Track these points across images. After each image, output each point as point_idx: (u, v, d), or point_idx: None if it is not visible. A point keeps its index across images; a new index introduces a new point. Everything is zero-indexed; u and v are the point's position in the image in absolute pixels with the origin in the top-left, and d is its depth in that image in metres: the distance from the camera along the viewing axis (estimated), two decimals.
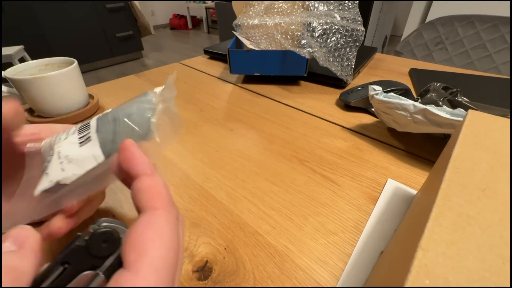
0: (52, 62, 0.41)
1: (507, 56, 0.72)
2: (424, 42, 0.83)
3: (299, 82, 0.54)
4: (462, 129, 0.17)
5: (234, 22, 0.50)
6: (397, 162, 0.31)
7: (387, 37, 2.31)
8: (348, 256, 0.21)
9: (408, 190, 0.27)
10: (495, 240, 0.10)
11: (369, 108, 0.42)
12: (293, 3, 0.48)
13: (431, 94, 0.36)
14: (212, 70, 0.62)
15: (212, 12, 3.97)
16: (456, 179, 0.13)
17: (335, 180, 0.29)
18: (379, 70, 0.59)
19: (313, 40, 0.44)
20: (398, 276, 0.10)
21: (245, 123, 0.40)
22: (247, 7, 0.50)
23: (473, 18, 0.75)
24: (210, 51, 0.69)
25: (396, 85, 0.42)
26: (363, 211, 0.25)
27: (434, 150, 0.33)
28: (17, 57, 1.76)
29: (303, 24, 0.45)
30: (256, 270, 0.21)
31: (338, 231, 0.23)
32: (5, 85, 0.42)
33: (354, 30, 0.45)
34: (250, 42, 0.49)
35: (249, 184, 0.29)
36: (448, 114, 0.26)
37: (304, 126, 0.39)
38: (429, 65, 0.61)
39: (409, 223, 0.17)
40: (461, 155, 0.15)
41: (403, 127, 0.32)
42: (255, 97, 0.48)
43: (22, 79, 0.35)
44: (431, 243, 0.10)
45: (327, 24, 0.44)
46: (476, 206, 0.12)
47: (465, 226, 0.11)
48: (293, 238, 0.23)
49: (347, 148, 0.34)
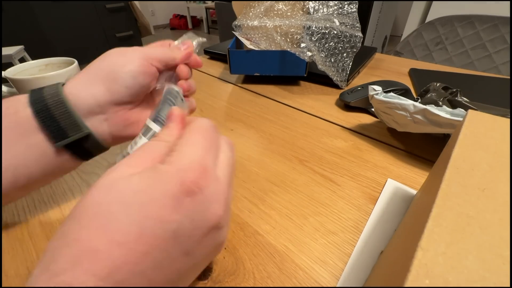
0: (52, 62, 0.41)
1: (507, 56, 0.72)
2: (424, 42, 0.83)
3: (299, 82, 0.54)
4: (462, 129, 0.17)
5: (234, 23, 0.50)
6: (397, 162, 0.31)
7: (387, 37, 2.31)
8: (348, 256, 0.21)
9: (408, 190, 0.27)
10: (495, 240, 0.10)
11: (369, 108, 0.42)
12: (293, 5, 0.48)
13: (431, 94, 0.36)
14: (212, 70, 0.62)
15: (212, 12, 3.97)
16: (456, 179, 0.13)
17: (335, 180, 0.29)
18: (379, 70, 0.59)
19: (312, 43, 0.44)
20: (398, 276, 0.10)
21: (245, 123, 0.40)
22: (247, 8, 0.50)
23: (473, 18, 0.75)
24: (210, 51, 0.69)
25: (396, 85, 0.42)
26: (363, 211, 0.25)
27: (434, 150, 0.33)
28: (17, 57, 1.76)
29: (302, 27, 0.45)
30: (256, 270, 0.21)
31: (338, 231, 0.23)
32: (5, 85, 0.42)
33: (352, 36, 0.45)
34: (250, 43, 0.49)
35: (249, 184, 0.29)
36: (448, 114, 0.26)
37: (304, 126, 0.39)
38: (429, 65, 0.61)
39: (409, 223, 0.17)
40: (461, 155, 0.15)
41: (403, 127, 0.32)
42: (255, 97, 0.48)
43: (22, 79, 0.35)
44: (431, 243, 0.10)
45: (325, 29, 0.44)
46: (476, 206, 0.12)
47: (465, 226, 0.11)
48: (293, 238, 0.23)
49: (347, 148, 0.34)
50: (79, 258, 0.11)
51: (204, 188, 0.13)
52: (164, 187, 0.13)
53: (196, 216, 0.13)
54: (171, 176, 0.13)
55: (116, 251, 0.11)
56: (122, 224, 0.12)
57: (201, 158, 0.14)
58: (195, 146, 0.15)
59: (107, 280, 0.11)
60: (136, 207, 0.12)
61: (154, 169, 0.13)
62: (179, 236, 0.13)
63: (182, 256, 0.13)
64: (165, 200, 0.12)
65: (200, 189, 0.13)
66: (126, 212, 0.12)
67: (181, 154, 0.14)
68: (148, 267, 0.12)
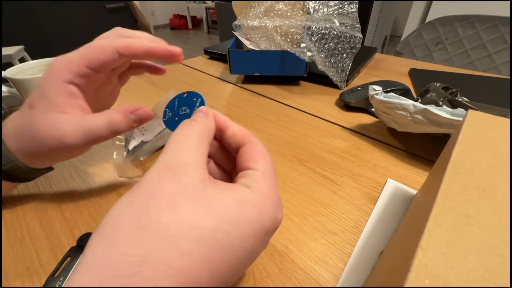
0: None
1: (507, 56, 0.72)
2: (424, 42, 0.83)
3: (299, 82, 0.54)
4: (462, 129, 0.17)
5: (234, 23, 0.50)
6: (397, 162, 0.31)
7: (387, 37, 2.31)
8: (348, 256, 0.21)
9: (408, 190, 0.27)
10: (495, 240, 0.10)
11: (369, 108, 0.42)
12: (293, 5, 0.48)
13: (431, 94, 0.36)
14: (212, 70, 0.62)
15: (212, 12, 3.97)
16: (456, 179, 0.13)
17: (335, 180, 0.29)
18: (379, 70, 0.59)
19: (312, 43, 0.44)
20: (398, 276, 0.10)
21: (245, 123, 0.40)
22: (247, 8, 0.50)
23: (473, 18, 0.75)
24: (210, 51, 0.69)
25: (396, 85, 0.42)
26: (363, 211, 0.25)
27: (434, 150, 0.33)
28: (17, 57, 1.76)
29: (302, 27, 0.45)
30: (256, 270, 0.21)
31: (338, 231, 0.23)
32: (5, 85, 0.42)
33: (352, 36, 0.45)
34: (250, 43, 0.49)
35: None
36: (448, 114, 0.26)
37: (304, 126, 0.39)
38: (429, 65, 0.61)
39: (409, 223, 0.17)
40: (461, 155, 0.15)
41: (403, 127, 0.32)
42: (255, 97, 0.48)
43: (22, 79, 0.35)
44: (431, 243, 0.10)
45: (325, 29, 0.44)
46: (476, 206, 0.12)
47: (465, 226, 0.11)
48: (293, 238, 0.23)
49: (347, 148, 0.34)
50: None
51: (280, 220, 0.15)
52: (264, 222, 0.13)
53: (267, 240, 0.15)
54: (270, 212, 0.14)
55: (214, 283, 0.11)
56: (226, 254, 0.12)
57: (278, 191, 0.15)
58: (274, 178, 0.16)
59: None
60: (240, 237, 0.12)
61: (247, 195, 0.13)
62: (253, 259, 0.14)
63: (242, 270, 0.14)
64: (261, 233, 0.13)
65: (280, 223, 0.15)
66: (231, 242, 0.12)
67: (270, 186, 0.15)
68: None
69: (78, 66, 0.19)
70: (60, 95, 0.19)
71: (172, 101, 0.21)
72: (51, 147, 0.19)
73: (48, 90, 0.19)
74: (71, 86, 0.19)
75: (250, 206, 0.13)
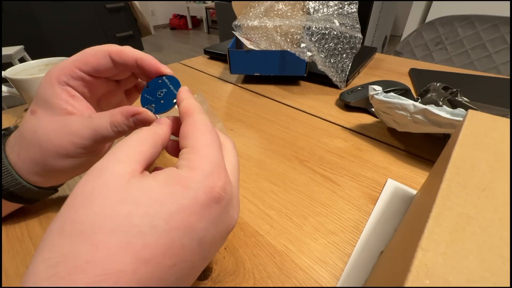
0: (52, 62, 0.41)
1: (507, 56, 0.72)
2: (424, 42, 0.83)
3: (299, 82, 0.54)
4: (462, 129, 0.17)
5: (234, 23, 0.50)
6: (397, 162, 0.31)
7: (387, 37, 2.31)
8: (348, 256, 0.21)
9: (408, 190, 0.27)
10: (495, 240, 0.10)
11: (369, 108, 0.42)
12: (293, 5, 0.48)
13: (431, 94, 0.36)
14: (212, 70, 0.62)
15: (212, 12, 3.97)
16: (456, 179, 0.13)
17: (335, 180, 0.29)
18: (379, 70, 0.59)
19: (311, 44, 0.44)
20: (398, 276, 0.10)
21: (245, 123, 0.40)
22: (247, 8, 0.50)
23: (473, 18, 0.75)
24: (210, 51, 0.69)
25: (396, 85, 0.42)
26: (363, 211, 0.25)
27: (434, 150, 0.33)
28: (17, 57, 1.76)
29: (302, 27, 0.45)
30: (256, 270, 0.21)
31: (338, 231, 0.23)
32: (5, 85, 0.42)
33: (352, 37, 0.45)
34: (250, 42, 0.49)
35: (249, 184, 0.29)
36: (448, 114, 0.26)
37: (304, 126, 0.39)
38: (429, 65, 0.61)
39: (409, 223, 0.17)
40: (461, 155, 0.15)
41: (403, 127, 0.32)
42: (255, 97, 0.48)
43: (22, 79, 0.35)
44: (431, 243, 0.10)
45: (325, 29, 0.44)
46: (476, 206, 0.12)
47: (465, 226, 0.11)
48: (293, 238, 0.23)
49: (347, 148, 0.34)
50: (99, 283, 0.10)
51: (229, 193, 0.13)
52: (193, 194, 0.12)
53: (219, 222, 0.13)
54: (198, 182, 0.13)
55: (143, 269, 0.11)
56: (149, 238, 0.11)
57: (221, 161, 0.14)
58: (212, 147, 0.14)
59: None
60: (163, 217, 0.11)
61: (173, 174, 0.13)
62: (204, 243, 0.13)
63: (201, 261, 0.13)
64: (194, 208, 0.12)
65: (226, 194, 0.13)
66: (152, 223, 0.11)
67: (201, 157, 0.14)
68: (173, 280, 0.12)
69: (71, 68, 0.19)
70: (60, 97, 0.19)
71: (148, 91, 0.21)
72: (58, 150, 0.19)
73: (46, 94, 0.19)
74: (68, 88, 0.19)
75: (173, 183, 0.12)
